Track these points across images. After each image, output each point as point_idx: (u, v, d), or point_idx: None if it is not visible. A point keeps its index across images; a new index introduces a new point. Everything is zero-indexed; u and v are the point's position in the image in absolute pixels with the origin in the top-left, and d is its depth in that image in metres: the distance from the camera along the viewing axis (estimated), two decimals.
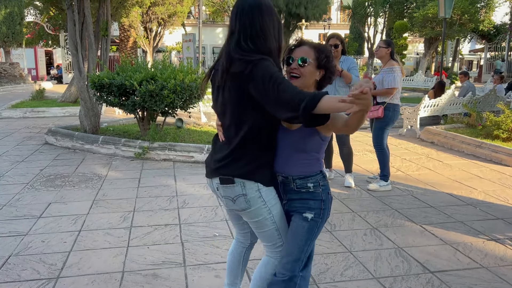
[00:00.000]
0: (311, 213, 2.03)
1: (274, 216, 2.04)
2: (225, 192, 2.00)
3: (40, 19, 22.78)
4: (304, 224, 2.03)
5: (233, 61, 1.86)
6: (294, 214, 2.07)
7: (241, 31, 1.88)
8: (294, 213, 2.07)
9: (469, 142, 6.99)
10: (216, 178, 2.01)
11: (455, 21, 19.49)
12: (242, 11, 1.90)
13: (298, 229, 2.04)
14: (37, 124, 9.73)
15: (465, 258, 3.26)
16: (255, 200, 1.99)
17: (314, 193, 2.03)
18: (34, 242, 3.47)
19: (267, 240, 2.11)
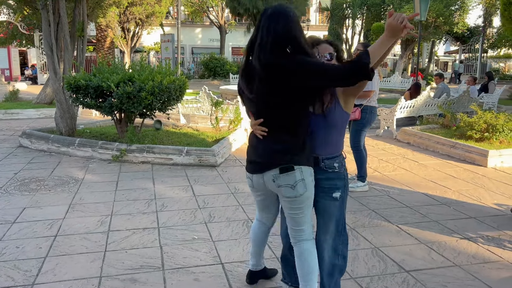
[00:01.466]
0: (337, 192, 2.31)
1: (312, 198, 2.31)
2: (285, 180, 2.20)
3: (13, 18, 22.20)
4: (336, 203, 2.33)
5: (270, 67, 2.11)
6: (321, 194, 2.32)
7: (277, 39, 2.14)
8: (321, 193, 2.32)
9: (444, 143, 7.16)
10: (274, 170, 2.21)
11: (430, 24, 19.90)
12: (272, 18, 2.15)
13: (332, 209, 2.34)
14: (11, 126, 9.50)
15: (439, 256, 3.34)
16: (310, 184, 2.24)
17: (339, 172, 2.32)
18: (8, 248, 3.39)
19: (301, 223, 2.33)
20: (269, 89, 2.14)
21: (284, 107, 2.15)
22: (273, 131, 2.22)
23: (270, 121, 2.22)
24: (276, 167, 2.21)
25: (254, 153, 2.33)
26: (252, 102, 2.28)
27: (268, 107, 2.20)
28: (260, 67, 2.11)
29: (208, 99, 8.62)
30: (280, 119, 2.20)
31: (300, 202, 2.25)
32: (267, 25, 2.11)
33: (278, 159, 2.21)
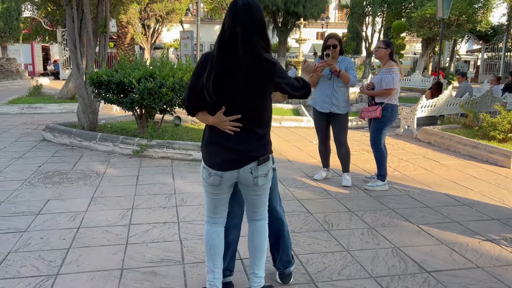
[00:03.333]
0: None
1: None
2: (262, 171, 2.34)
3: (37, 14, 22.66)
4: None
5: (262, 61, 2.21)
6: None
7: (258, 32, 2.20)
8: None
9: (466, 143, 7.03)
10: (252, 163, 2.30)
11: (452, 22, 19.55)
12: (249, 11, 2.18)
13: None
14: (34, 120, 9.71)
15: (461, 258, 3.29)
16: (271, 170, 2.43)
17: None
18: (33, 239, 3.48)
19: (262, 205, 2.51)
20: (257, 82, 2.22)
21: (265, 100, 2.30)
22: (253, 125, 2.28)
23: (250, 115, 2.26)
24: (253, 160, 2.30)
25: (227, 151, 2.29)
26: (227, 96, 2.23)
27: (252, 101, 2.25)
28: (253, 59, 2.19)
29: None
30: (262, 112, 2.31)
31: (268, 185, 2.45)
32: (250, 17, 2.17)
33: (261, 152, 2.32)
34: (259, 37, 2.19)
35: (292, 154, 6.72)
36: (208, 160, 2.35)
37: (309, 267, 3.09)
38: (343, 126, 5.01)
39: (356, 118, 9.34)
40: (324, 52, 4.72)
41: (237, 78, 2.17)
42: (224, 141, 2.29)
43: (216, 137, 2.31)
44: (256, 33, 2.18)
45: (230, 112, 2.24)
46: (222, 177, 2.34)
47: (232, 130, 2.25)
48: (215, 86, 2.19)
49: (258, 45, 2.19)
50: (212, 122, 2.28)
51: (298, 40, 14.24)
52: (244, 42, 2.14)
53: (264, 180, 2.37)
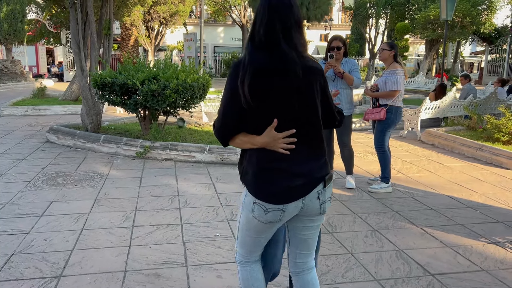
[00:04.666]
0: None
1: None
2: (328, 193, 1.90)
3: (41, 16, 22.77)
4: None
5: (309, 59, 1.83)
6: None
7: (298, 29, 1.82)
8: None
9: (470, 145, 7.00)
10: (318, 186, 1.84)
11: (456, 24, 19.49)
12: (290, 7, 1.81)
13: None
14: (38, 122, 9.74)
15: (465, 261, 3.27)
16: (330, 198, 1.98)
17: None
18: (36, 241, 3.48)
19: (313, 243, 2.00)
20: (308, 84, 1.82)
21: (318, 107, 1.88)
22: (310, 140, 1.85)
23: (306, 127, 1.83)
24: (319, 183, 1.84)
25: (287, 176, 1.80)
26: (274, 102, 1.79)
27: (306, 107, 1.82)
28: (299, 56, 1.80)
29: None
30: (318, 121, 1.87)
31: (322, 220, 1.97)
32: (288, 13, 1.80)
33: (324, 170, 1.87)
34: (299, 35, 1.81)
35: None
36: (263, 192, 1.81)
37: None
38: (346, 128, 4.99)
39: (360, 120, 9.33)
40: (328, 54, 4.72)
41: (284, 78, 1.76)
42: (281, 164, 1.80)
43: (270, 161, 1.81)
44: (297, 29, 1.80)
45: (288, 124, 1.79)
46: (284, 211, 1.81)
47: (287, 149, 1.79)
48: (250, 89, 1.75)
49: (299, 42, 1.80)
50: (262, 143, 1.78)
51: None
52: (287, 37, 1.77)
53: (329, 204, 1.92)
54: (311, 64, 1.82)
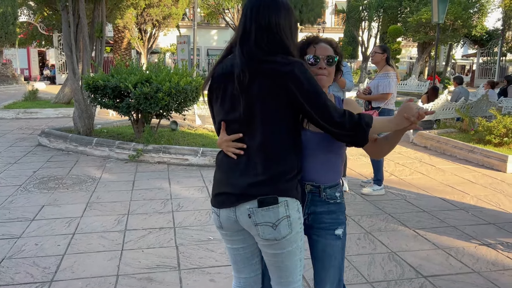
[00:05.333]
0: (341, 227, 1.85)
1: (301, 243, 1.74)
2: (264, 217, 1.64)
3: (33, 19, 22.64)
4: (338, 243, 1.84)
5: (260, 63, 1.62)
6: (321, 232, 1.84)
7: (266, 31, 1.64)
8: (321, 230, 1.83)
9: (462, 147, 7.05)
10: (249, 203, 1.64)
11: (448, 26, 19.66)
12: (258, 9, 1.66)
13: (334, 250, 1.83)
14: (30, 125, 9.67)
15: (457, 262, 3.29)
16: (296, 222, 1.68)
17: (341, 204, 1.86)
18: (27, 245, 3.45)
19: (287, 275, 1.75)
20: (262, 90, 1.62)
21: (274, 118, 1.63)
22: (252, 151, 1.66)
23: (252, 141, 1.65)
24: (251, 199, 1.64)
25: (224, 181, 1.73)
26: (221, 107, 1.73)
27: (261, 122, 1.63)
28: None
29: None
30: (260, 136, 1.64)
31: (286, 246, 1.68)
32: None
33: (264, 190, 1.63)
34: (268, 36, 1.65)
35: None
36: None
37: (305, 272, 3.07)
38: None
39: None
40: None
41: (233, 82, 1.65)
42: (222, 168, 1.76)
43: (219, 162, 1.79)
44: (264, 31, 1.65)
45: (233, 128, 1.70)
46: (219, 216, 1.76)
47: (235, 154, 1.68)
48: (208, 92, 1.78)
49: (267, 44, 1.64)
50: (217, 144, 1.78)
51: None
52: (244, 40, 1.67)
53: (272, 232, 1.64)
54: (273, 67, 1.60)
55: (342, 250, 1.88)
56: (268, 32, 1.63)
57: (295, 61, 1.61)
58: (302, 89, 1.59)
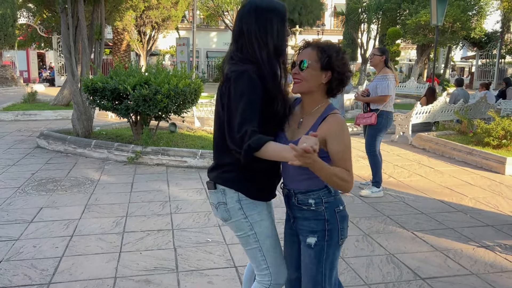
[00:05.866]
0: (314, 236, 1.82)
1: (258, 234, 1.89)
2: (210, 198, 1.95)
3: (33, 21, 22.65)
4: (309, 252, 1.84)
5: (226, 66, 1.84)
6: (300, 237, 1.89)
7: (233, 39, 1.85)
8: (300, 236, 1.89)
9: (460, 149, 7.06)
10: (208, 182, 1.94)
11: (447, 29, 19.69)
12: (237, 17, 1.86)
13: (305, 259, 1.86)
14: (29, 127, 9.66)
15: (455, 264, 3.29)
16: (235, 211, 1.87)
17: (317, 212, 1.82)
18: (25, 247, 3.45)
19: (251, 259, 1.97)
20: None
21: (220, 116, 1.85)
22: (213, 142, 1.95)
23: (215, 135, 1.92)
24: (209, 180, 1.93)
25: None
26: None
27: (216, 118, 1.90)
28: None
29: None
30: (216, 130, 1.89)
31: (234, 230, 1.93)
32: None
33: (209, 172, 1.94)
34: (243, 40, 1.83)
35: None
36: None
37: None
38: None
39: (351, 124, 9.36)
40: None
41: None
42: None
43: None
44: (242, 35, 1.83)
45: None
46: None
47: None
48: None
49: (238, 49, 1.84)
50: None
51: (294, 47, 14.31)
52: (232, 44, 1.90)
53: (216, 213, 1.92)
54: (226, 72, 1.80)
55: (315, 260, 1.83)
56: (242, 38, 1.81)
57: (239, 69, 1.75)
58: (229, 96, 1.75)
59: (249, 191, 1.87)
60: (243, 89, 1.72)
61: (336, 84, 1.81)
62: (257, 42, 1.79)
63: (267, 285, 1.93)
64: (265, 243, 1.90)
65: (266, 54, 1.79)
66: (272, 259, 1.92)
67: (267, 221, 1.92)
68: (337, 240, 1.84)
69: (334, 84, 1.81)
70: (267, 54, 1.79)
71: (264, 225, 1.90)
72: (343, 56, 1.78)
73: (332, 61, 1.75)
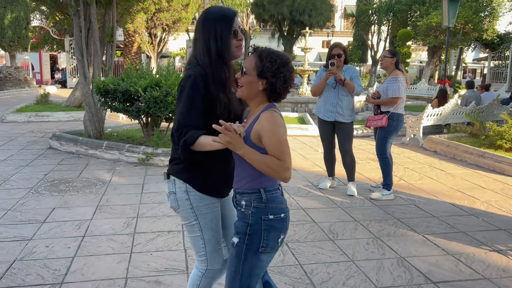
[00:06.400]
0: (237, 237, 1.88)
1: (202, 225, 2.08)
2: (166, 187, 2.12)
3: (45, 23, 22.95)
4: (232, 250, 1.91)
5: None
6: None
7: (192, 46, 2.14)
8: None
9: (472, 152, 6.99)
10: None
11: (458, 30, 19.51)
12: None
13: (231, 256, 1.93)
14: (41, 128, 9.79)
15: (467, 269, 3.26)
16: (182, 201, 2.06)
17: (245, 214, 1.87)
18: (38, 247, 3.49)
19: (192, 245, 2.18)
20: None
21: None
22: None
23: None
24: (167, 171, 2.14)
25: None
26: None
27: None
28: None
29: None
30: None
31: (182, 219, 2.13)
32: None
33: (168, 165, 2.16)
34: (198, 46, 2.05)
35: (297, 163, 6.71)
36: None
37: (314, 277, 3.07)
38: (348, 135, 5.00)
39: (362, 126, 9.33)
40: (329, 61, 4.75)
41: None
42: None
43: None
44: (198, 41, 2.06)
45: None
46: None
47: None
48: None
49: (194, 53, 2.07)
50: None
51: (304, 49, 14.27)
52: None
53: (172, 201, 2.10)
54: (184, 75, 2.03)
55: (235, 260, 1.88)
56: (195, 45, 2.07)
57: (188, 74, 1.98)
58: (178, 98, 1.98)
59: (196, 183, 2.05)
60: (187, 92, 1.93)
61: (270, 93, 1.83)
62: (203, 48, 2.00)
63: (203, 270, 2.16)
64: (207, 233, 2.10)
65: (209, 58, 1.98)
66: (211, 248, 2.12)
67: (211, 215, 2.09)
68: (258, 247, 1.84)
69: (271, 93, 1.83)
70: (209, 58, 1.98)
71: (208, 218, 2.08)
72: (279, 68, 1.79)
73: (264, 70, 1.78)
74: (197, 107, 1.92)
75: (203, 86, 1.93)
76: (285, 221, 1.89)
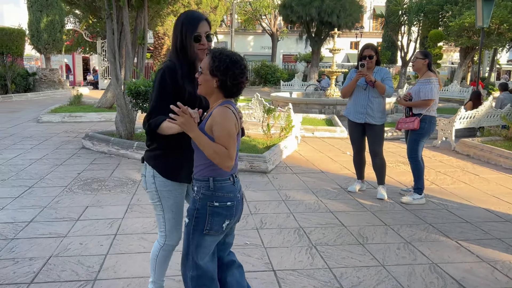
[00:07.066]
0: (187, 218, 2.15)
1: (164, 207, 2.39)
2: (142, 169, 2.43)
3: (79, 27, 23.63)
4: (184, 229, 2.19)
5: None
6: None
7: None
8: None
9: (508, 156, 6.76)
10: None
11: (493, 31, 18.93)
12: None
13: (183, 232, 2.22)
14: (74, 128, 10.07)
15: (503, 277, 3.16)
16: (150, 184, 2.37)
17: (194, 198, 2.12)
18: (72, 244, 3.59)
19: (157, 221, 2.49)
20: None
21: None
22: None
23: None
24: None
25: None
26: None
27: None
28: None
29: (260, 106, 8.69)
30: None
31: (149, 198, 2.44)
32: None
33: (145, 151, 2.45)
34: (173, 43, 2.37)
35: (325, 165, 6.66)
36: None
37: (343, 281, 3.04)
38: (378, 137, 4.93)
39: (392, 129, 9.17)
40: (359, 63, 4.70)
41: None
42: None
43: None
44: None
45: None
46: None
47: None
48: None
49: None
50: None
51: (332, 50, 14.16)
52: None
53: (143, 182, 2.43)
54: None
55: (186, 237, 2.16)
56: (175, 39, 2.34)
57: (160, 67, 2.31)
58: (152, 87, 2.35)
59: (161, 169, 2.34)
60: (157, 84, 2.24)
61: (222, 89, 2.02)
62: (172, 45, 2.35)
63: (162, 243, 2.50)
64: (168, 214, 2.41)
65: (176, 54, 2.30)
66: (170, 227, 2.44)
67: (173, 200, 2.39)
68: (202, 229, 2.09)
69: (221, 89, 2.02)
70: (176, 54, 2.30)
71: (170, 201, 2.39)
72: (228, 66, 1.96)
73: (214, 69, 1.97)
74: (165, 97, 2.19)
75: (170, 77, 2.22)
76: (231, 209, 2.11)
